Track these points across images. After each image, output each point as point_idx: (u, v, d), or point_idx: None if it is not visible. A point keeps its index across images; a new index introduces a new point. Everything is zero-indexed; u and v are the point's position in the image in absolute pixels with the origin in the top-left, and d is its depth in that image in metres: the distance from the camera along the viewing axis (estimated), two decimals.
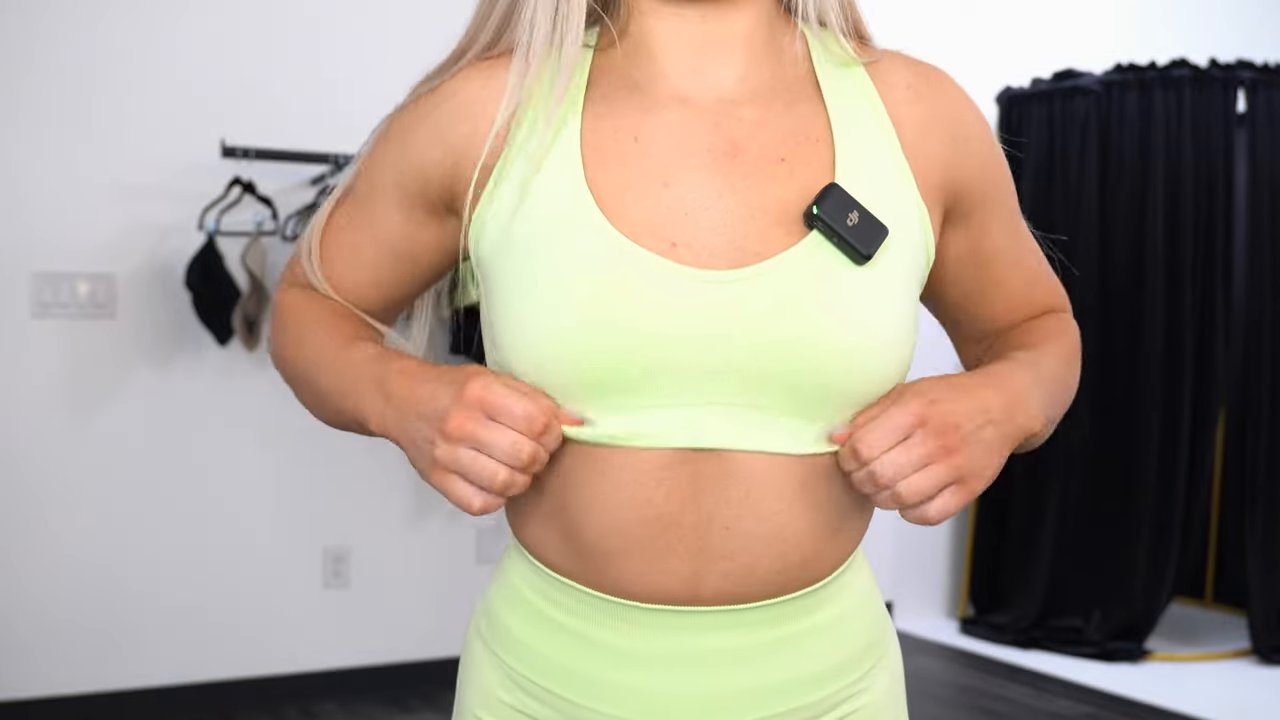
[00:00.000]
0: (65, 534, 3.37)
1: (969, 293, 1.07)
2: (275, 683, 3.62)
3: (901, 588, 4.79)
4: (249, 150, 3.36)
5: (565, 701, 0.93)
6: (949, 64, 4.53)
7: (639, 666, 0.91)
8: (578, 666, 0.93)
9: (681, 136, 0.91)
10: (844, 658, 0.96)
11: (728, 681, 0.91)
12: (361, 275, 1.02)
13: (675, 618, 0.90)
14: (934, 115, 1.00)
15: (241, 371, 3.55)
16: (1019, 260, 1.11)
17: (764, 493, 0.89)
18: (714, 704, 0.91)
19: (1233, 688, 3.94)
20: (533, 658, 0.94)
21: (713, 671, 0.91)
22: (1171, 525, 4.26)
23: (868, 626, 0.99)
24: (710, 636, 0.91)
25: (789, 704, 0.93)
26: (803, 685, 0.93)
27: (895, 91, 0.99)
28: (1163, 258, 4.30)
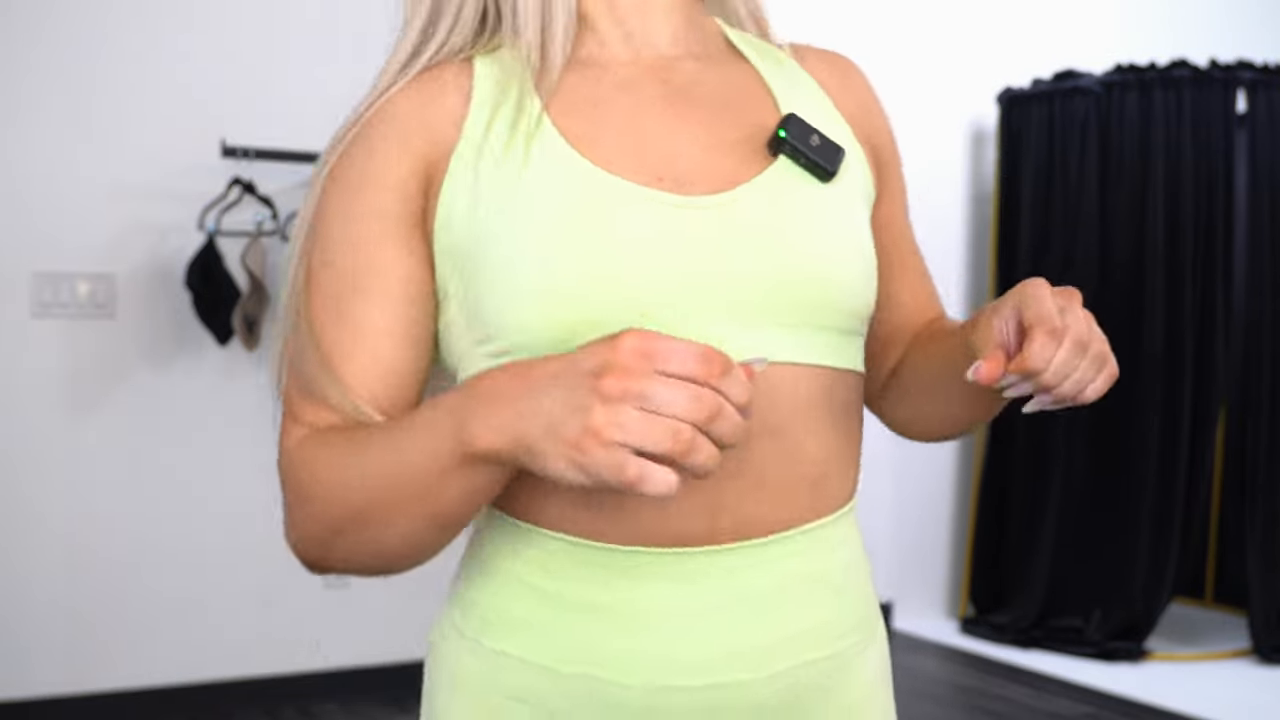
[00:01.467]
0: (64, 533, 3.37)
1: (886, 265, 1.02)
2: (275, 683, 3.62)
3: (901, 588, 4.79)
4: (249, 150, 3.36)
5: (595, 680, 0.86)
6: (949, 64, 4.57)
7: (663, 622, 0.85)
8: (597, 636, 0.86)
9: (636, 90, 0.93)
10: (852, 612, 0.94)
11: (751, 630, 0.86)
12: (386, 349, 0.88)
13: (695, 560, 0.85)
14: (849, 84, 1.07)
15: (241, 371, 3.55)
16: (916, 250, 1.10)
17: (775, 403, 0.87)
18: (738, 655, 0.86)
19: (1233, 688, 3.94)
20: (550, 643, 0.87)
21: (735, 618, 0.86)
22: (1171, 525, 4.26)
23: (868, 589, 0.98)
24: (730, 580, 0.86)
25: (806, 655, 0.89)
26: (820, 636, 0.90)
27: (809, 62, 1.07)
28: (1163, 258, 4.30)
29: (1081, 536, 4.45)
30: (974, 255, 4.94)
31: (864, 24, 4.64)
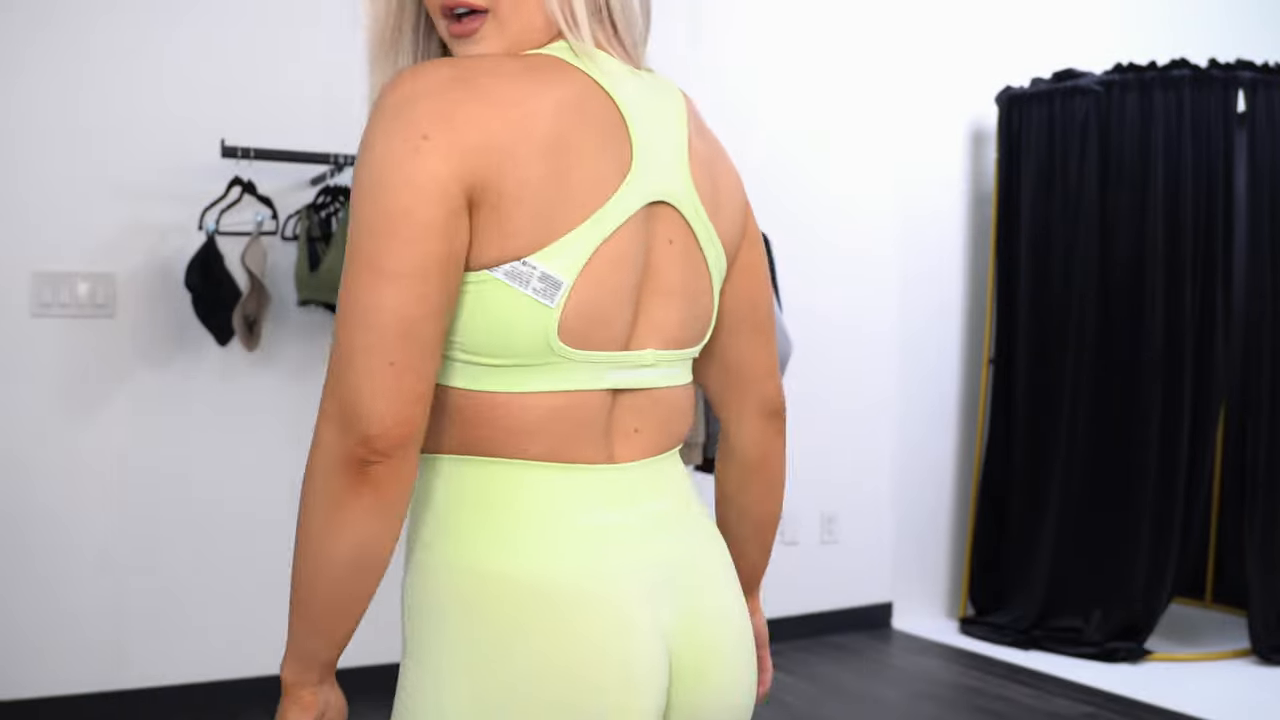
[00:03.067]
0: (65, 534, 3.37)
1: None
2: (275, 683, 3.61)
3: (901, 588, 4.79)
4: (249, 150, 3.36)
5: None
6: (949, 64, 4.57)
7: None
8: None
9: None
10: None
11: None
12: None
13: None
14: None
15: (241, 371, 3.55)
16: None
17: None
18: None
19: (1233, 688, 3.94)
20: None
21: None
22: (1171, 525, 4.26)
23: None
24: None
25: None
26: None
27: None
28: (1163, 258, 4.30)
29: (1081, 536, 4.45)
30: (974, 255, 4.94)
31: (864, 24, 4.64)
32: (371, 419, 0.96)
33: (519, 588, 1.03)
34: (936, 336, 4.87)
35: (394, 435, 0.97)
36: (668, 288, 1.11)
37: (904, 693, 3.90)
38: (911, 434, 4.80)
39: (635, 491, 1.10)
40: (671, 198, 1.10)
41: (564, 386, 1.05)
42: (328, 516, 1.00)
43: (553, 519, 1.05)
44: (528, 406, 1.05)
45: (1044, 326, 4.58)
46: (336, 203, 3.50)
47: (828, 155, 4.56)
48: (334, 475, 0.98)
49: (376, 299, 0.96)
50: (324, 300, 3.45)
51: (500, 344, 1.03)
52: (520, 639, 1.02)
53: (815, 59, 4.53)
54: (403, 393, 0.97)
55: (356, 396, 0.96)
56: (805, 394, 4.46)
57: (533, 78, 1.03)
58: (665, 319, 1.12)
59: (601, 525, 1.06)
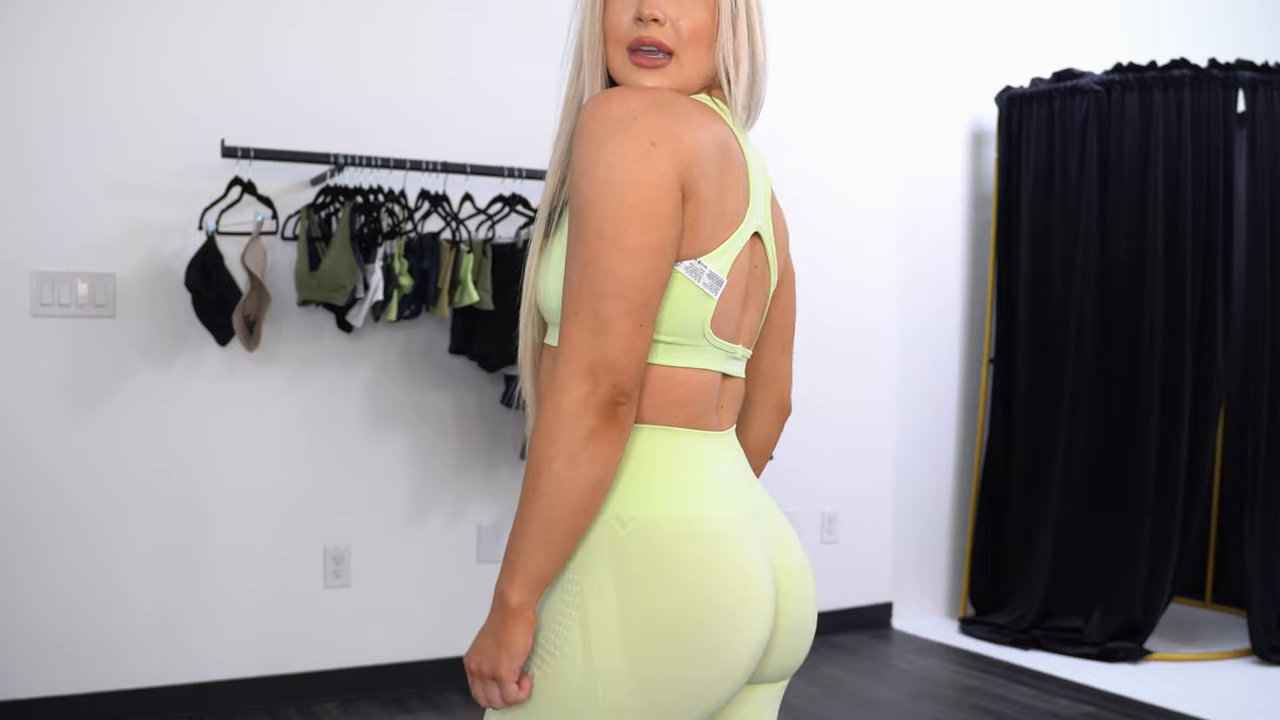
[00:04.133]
0: (64, 533, 3.37)
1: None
2: (275, 683, 3.62)
3: (901, 588, 4.79)
4: (249, 150, 3.36)
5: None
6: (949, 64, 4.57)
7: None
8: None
9: None
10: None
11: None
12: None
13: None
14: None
15: (241, 371, 3.55)
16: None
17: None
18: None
19: (1233, 688, 3.94)
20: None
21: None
22: (1171, 525, 4.26)
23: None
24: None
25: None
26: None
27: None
28: (1163, 258, 4.30)
29: (1081, 536, 4.45)
30: (974, 255, 4.94)
31: (865, 24, 4.64)
32: (623, 370, 1.19)
33: (679, 528, 1.25)
34: (936, 336, 4.87)
35: (636, 381, 1.21)
36: (753, 301, 1.38)
37: (904, 693, 3.90)
38: (911, 434, 4.80)
39: (731, 453, 1.37)
40: (763, 232, 1.36)
41: (707, 366, 1.31)
42: (579, 451, 1.18)
43: (697, 470, 1.29)
44: (684, 380, 1.30)
45: (1044, 326, 4.58)
46: (336, 203, 3.50)
47: (828, 155, 4.56)
48: (589, 416, 1.18)
49: (626, 273, 1.19)
50: (324, 300, 3.45)
51: (673, 323, 1.27)
52: (668, 573, 1.22)
53: (815, 59, 4.53)
54: (642, 349, 1.20)
55: (611, 352, 1.18)
56: (805, 394, 4.46)
57: (703, 114, 1.29)
58: (750, 325, 1.39)
59: (723, 476, 1.31)
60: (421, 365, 3.77)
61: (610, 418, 1.18)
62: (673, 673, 1.21)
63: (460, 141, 3.76)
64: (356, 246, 3.44)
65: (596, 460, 1.18)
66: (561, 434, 1.18)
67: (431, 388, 3.77)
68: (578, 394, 1.18)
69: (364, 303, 3.43)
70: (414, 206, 3.61)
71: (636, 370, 1.20)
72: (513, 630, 1.22)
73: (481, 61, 3.86)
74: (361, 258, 3.45)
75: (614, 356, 1.18)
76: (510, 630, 1.22)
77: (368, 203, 3.49)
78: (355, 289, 3.44)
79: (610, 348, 1.18)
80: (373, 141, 3.66)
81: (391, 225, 3.48)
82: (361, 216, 3.48)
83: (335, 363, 3.67)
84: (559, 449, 1.18)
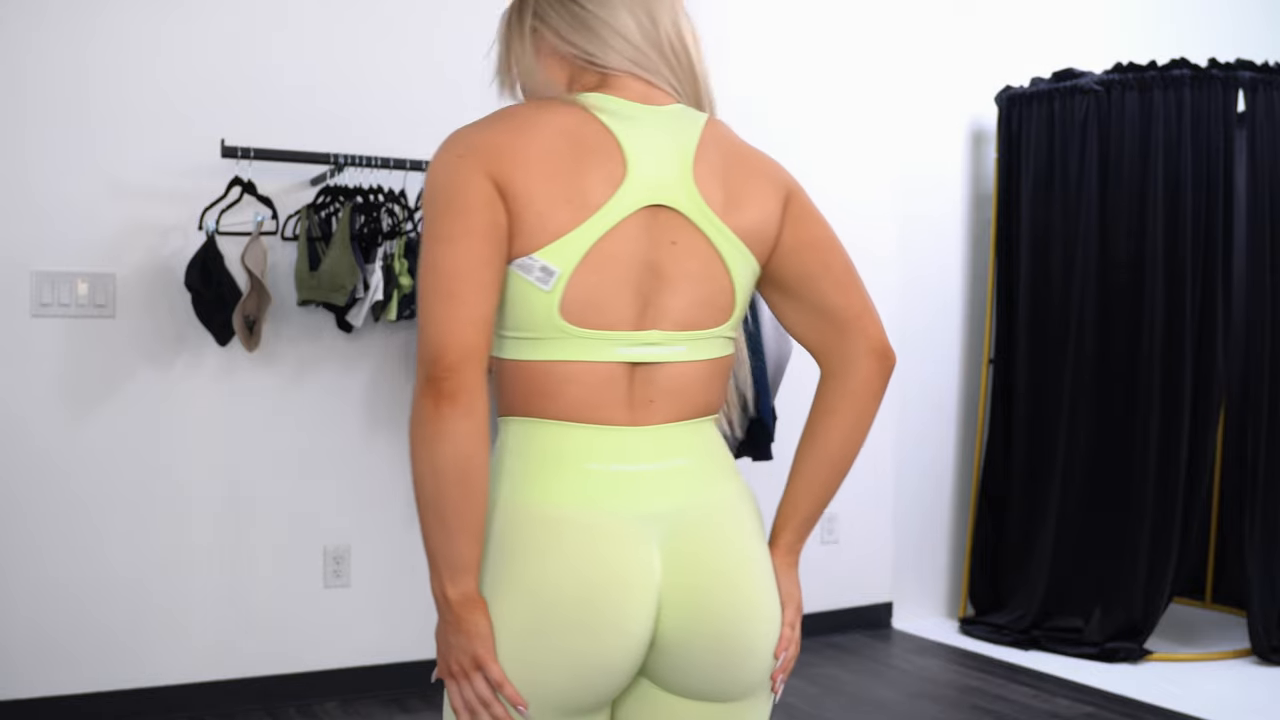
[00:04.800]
0: (64, 533, 3.37)
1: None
2: (275, 683, 3.62)
3: (901, 588, 4.79)
4: (249, 150, 3.36)
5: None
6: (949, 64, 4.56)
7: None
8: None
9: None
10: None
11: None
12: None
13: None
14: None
15: (241, 371, 3.55)
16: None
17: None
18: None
19: (1233, 688, 3.94)
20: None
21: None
22: (1171, 525, 4.26)
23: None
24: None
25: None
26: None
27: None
28: (1163, 258, 4.30)
29: (1081, 536, 4.45)
30: (974, 255, 4.94)
31: (864, 24, 4.64)
32: (440, 347, 1.21)
33: (534, 518, 1.29)
34: (936, 336, 4.87)
35: (459, 357, 1.21)
36: (671, 280, 1.32)
37: (904, 693, 3.90)
38: (911, 434, 4.80)
39: (653, 448, 1.33)
40: (672, 203, 1.31)
41: (570, 357, 1.29)
42: (429, 433, 1.22)
43: (565, 463, 1.30)
44: (541, 372, 1.30)
45: (1044, 326, 4.58)
46: (336, 203, 3.50)
47: (828, 155, 4.56)
48: (425, 402, 1.21)
49: (439, 258, 1.24)
50: (324, 300, 3.45)
51: (517, 319, 1.29)
52: (533, 557, 1.27)
53: (815, 59, 4.53)
54: (461, 327, 1.22)
55: (429, 336, 1.22)
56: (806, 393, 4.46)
57: (548, 115, 1.30)
58: (670, 305, 1.32)
59: (604, 471, 1.30)
60: None
61: (439, 395, 1.20)
62: (523, 649, 1.26)
63: None
64: (356, 246, 3.44)
65: (445, 437, 1.21)
66: (414, 425, 1.23)
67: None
68: (416, 385, 1.23)
69: (364, 303, 3.43)
70: (414, 206, 3.61)
71: (457, 346, 1.21)
72: (469, 617, 1.26)
73: (481, 61, 3.86)
74: (361, 258, 3.45)
75: (431, 338, 1.22)
76: (467, 619, 1.26)
77: (368, 203, 3.49)
78: (355, 289, 3.44)
79: (427, 333, 1.22)
80: (373, 141, 3.66)
81: (391, 225, 3.48)
82: (361, 216, 3.48)
83: (335, 363, 3.67)
84: (416, 438, 1.23)
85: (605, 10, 1.36)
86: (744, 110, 4.36)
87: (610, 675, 1.29)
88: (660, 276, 1.32)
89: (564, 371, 1.30)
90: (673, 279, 1.32)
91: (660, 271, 1.32)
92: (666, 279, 1.32)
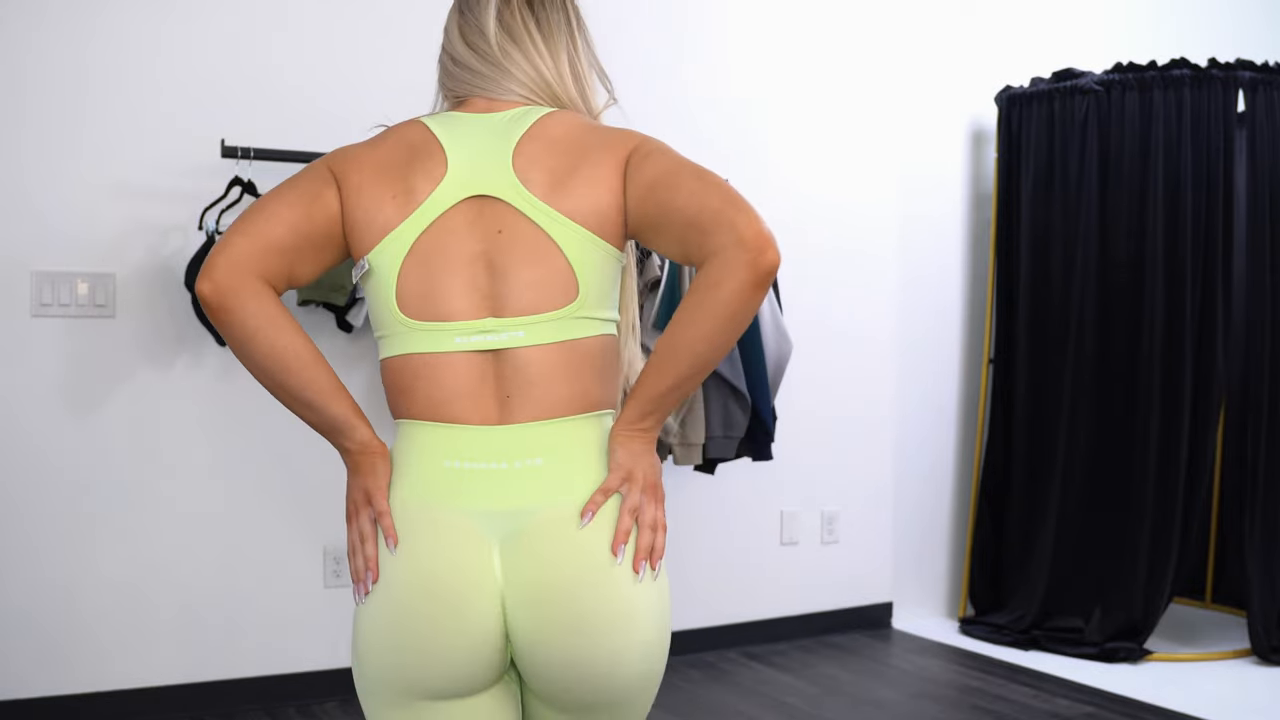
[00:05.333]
0: (64, 533, 3.37)
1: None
2: (275, 683, 3.62)
3: (901, 588, 4.79)
4: (249, 150, 3.36)
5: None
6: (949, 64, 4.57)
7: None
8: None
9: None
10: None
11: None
12: None
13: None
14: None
15: (241, 371, 3.55)
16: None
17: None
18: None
19: (1233, 688, 3.94)
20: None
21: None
22: (1171, 525, 4.26)
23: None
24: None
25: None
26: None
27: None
28: (1163, 258, 4.30)
29: (1081, 536, 4.45)
30: (974, 255, 4.94)
31: (864, 24, 4.64)
32: (209, 263, 1.35)
33: (399, 512, 1.39)
34: (936, 337, 4.87)
35: (219, 270, 1.34)
36: (503, 268, 1.39)
37: (904, 693, 3.90)
38: (911, 434, 4.80)
39: (508, 447, 1.38)
40: (494, 191, 1.39)
41: (413, 349, 1.39)
42: (231, 342, 1.38)
43: (424, 462, 1.39)
44: (397, 368, 1.41)
45: (1044, 326, 4.58)
46: None
47: (828, 155, 4.56)
48: (212, 316, 1.37)
49: (254, 210, 1.40)
50: (324, 300, 3.46)
51: (375, 318, 1.44)
52: (397, 549, 1.38)
53: (815, 59, 4.53)
54: (234, 241, 1.36)
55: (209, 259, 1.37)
56: (805, 394, 4.46)
57: (397, 132, 1.46)
58: (506, 292, 1.38)
59: (460, 469, 1.37)
60: None
61: (207, 308, 1.35)
62: (376, 629, 1.40)
63: None
64: None
65: (243, 340, 1.36)
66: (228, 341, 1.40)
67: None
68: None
69: (364, 303, 3.44)
70: None
71: (224, 262, 1.34)
72: (367, 460, 1.43)
73: None
74: None
75: (211, 257, 1.36)
76: (365, 461, 1.43)
77: None
78: (355, 289, 3.44)
79: (211, 257, 1.37)
80: None
81: None
82: None
83: (335, 363, 3.67)
84: (233, 350, 1.40)
85: (460, 52, 1.51)
86: (744, 110, 4.37)
87: (456, 666, 1.36)
88: (492, 266, 1.38)
89: (414, 366, 1.39)
90: (504, 267, 1.38)
91: (491, 261, 1.38)
92: (498, 268, 1.38)
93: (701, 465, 3.93)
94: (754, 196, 4.63)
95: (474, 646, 1.35)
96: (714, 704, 3.75)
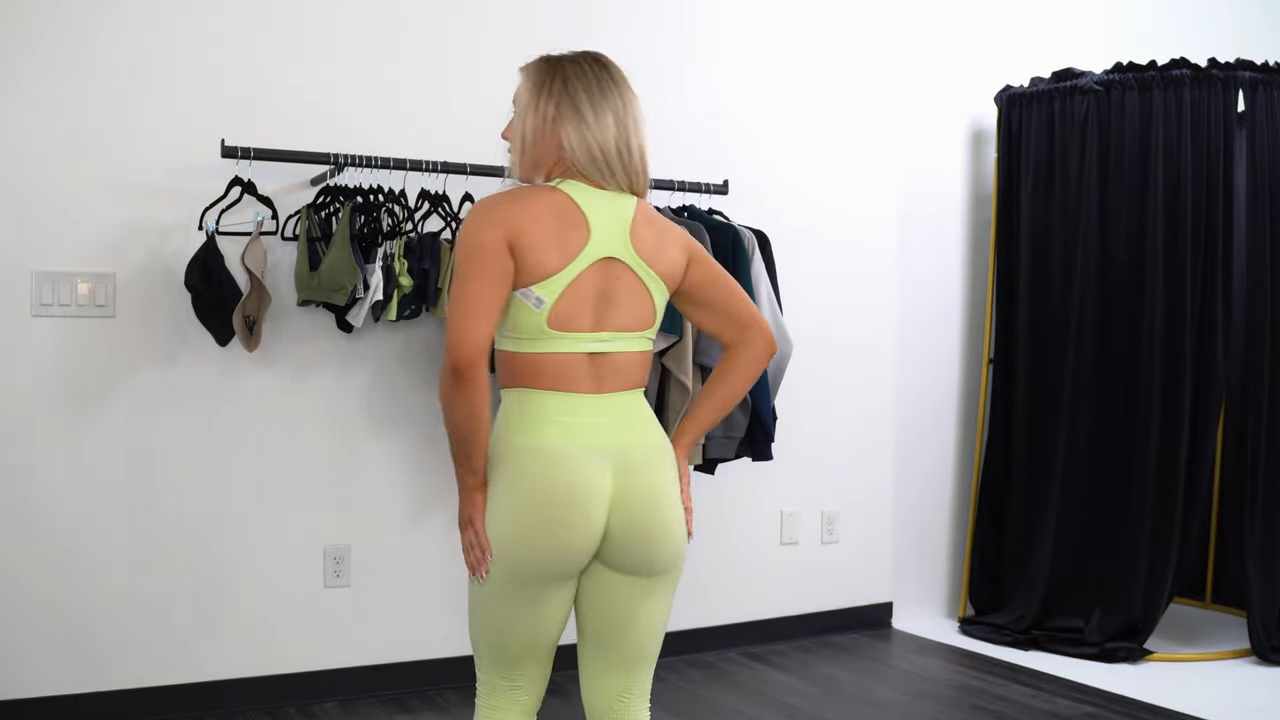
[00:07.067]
0: (64, 533, 3.37)
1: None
2: (275, 683, 3.62)
3: (901, 588, 4.79)
4: (249, 150, 3.36)
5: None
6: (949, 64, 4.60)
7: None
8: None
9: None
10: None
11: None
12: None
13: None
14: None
15: (241, 372, 3.55)
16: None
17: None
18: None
19: (1233, 688, 3.94)
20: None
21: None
22: (1171, 525, 4.26)
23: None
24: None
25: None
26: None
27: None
28: (1163, 257, 4.30)
29: (1081, 536, 4.45)
30: (974, 255, 4.94)
31: (864, 24, 4.64)
32: (456, 349, 1.89)
33: (528, 450, 1.97)
34: (936, 337, 4.87)
35: (471, 356, 1.88)
36: (616, 301, 2.02)
37: (904, 693, 3.90)
38: (911, 434, 4.80)
39: (600, 408, 2.01)
40: (618, 255, 2.00)
41: (554, 349, 1.99)
42: (449, 400, 1.93)
43: (548, 417, 1.98)
44: (531, 359, 1.99)
45: (1044, 326, 4.58)
46: (336, 203, 3.50)
47: (828, 155, 4.56)
48: (445, 378, 1.92)
49: (462, 291, 1.92)
50: (324, 300, 3.45)
51: (518, 326, 1.99)
52: (527, 475, 1.97)
53: (815, 59, 4.53)
54: (474, 337, 1.89)
55: (449, 337, 1.90)
56: (806, 394, 4.46)
57: (540, 196, 1.99)
58: (615, 316, 2.02)
59: (575, 422, 1.99)
60: (421, 365, 3.77)
61: (458, 378, 1.89)
62: (517, 532, 1.96)
63: (460, 141, 3.76)
64: (356, 246, 3.44)
65: (460, 404, 1.92)
66: (442, 395, 1.94)
67: (431, 388, 3.77)
68: (443, 369, 1.92)
69: (364, 303, 3.43)
70: (414, 206, 3.61)
71: (470, 349, 1.88)
72: (473, 495, 2.00)
73: (481, 62, 3.86)
74: (361, 258, 3.45)
75: (455, 342, 1.89)
76: (472, 495, 2.00)
77: (368, 203, 3.49)
78: (355, 289, 3.44)
79: (453, 339, 1.89)
80: (373, 141, 3.66)
81: (391, 225, 3.48)
82: (361, 216, 3.48)
83: (335, 363, 3.67)
84: (444, 402, 1.94)
85: (599, 131, 2.01)
86: (744, 110, 4.37)
87: (576, 554, 1.98)
88: (609, 299, 2.00)
89: (546, 359, 1.99)
90: (616, 301, 2.01)
91: (609, 296, 2.00)
92: (612, 301, 2.01)
93: (701, 465, 3.93)
94: (753, 196, 4.65)
95: (589, 534, 1.97)
96: (714, 704, 3.75)
